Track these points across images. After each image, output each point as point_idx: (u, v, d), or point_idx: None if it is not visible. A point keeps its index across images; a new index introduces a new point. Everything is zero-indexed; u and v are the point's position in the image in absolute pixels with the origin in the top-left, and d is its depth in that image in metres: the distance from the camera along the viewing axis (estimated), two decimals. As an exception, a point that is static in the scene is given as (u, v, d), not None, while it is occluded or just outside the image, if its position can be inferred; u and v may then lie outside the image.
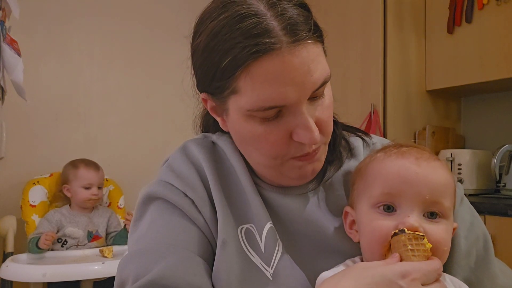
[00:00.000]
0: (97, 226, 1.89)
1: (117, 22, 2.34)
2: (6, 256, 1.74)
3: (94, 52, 2.28)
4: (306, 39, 0.52)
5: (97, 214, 1.92)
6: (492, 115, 2.16)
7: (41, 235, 1.68)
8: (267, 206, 0.62)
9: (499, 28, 1.80)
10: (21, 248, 1.81)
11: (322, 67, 0.55)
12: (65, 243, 1.81)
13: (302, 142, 0.56)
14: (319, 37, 0.56)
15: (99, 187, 1.92)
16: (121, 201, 2.08)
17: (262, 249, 0.59)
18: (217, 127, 0.69)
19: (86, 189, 1.87)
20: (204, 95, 0.61)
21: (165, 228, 0.60)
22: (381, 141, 0.72)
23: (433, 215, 0.56)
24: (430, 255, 0.52)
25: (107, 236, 1.93)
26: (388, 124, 1.95)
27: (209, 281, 0.56)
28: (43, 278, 1.50)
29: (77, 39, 2.23)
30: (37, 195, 1.89)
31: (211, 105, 0.62)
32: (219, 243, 0.58)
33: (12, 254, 1.76)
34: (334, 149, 0.67)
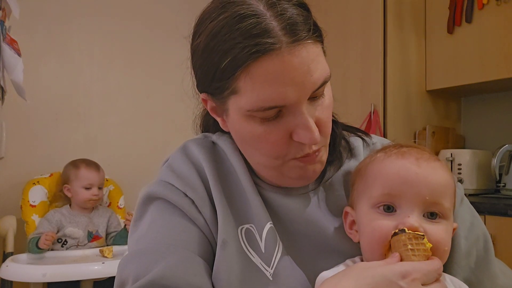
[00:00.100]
0: (97, 226, 1.89)
1: (117, 22, 2.34)
2: (6, 256, 1.73)
3: (94, 52, 2.28)
4: (305, 39, 0.52)
5: (97, 214, 1.92)
6: (492, 115, 2.16)
7: (41, 235, 1.68)
8: (267, 206, 0.62)
9: (499, 28, 1.80)
10: (21, 248, 1.81)
11: (322, 67, 0.55)
12: (65, 243, 1.81)
13: (302, 142, 0.56)
14: (319, 37, 0.56)
15: (100, 188, 1.92)
16: (121, 201, 2.08)
17: (262, 249, 0.59)
18: (217, 127, 0.69)
19: (86, 189, 1.86)
20: (204, 95, 0.61)
21: (165, 228, 0.60)
22: (381, 141, 0.72)
23: (433, 215, 0.56)
24: (430, 255, 0.52)
25: (107, 236, 1.93)
26: (388, 124, 1.94)
27: (209, 281, 0.56)
28: (43, 278, 1.50)
29: (77, 39, 2.23)
30: (37, 195, 1.89)
31: (211, 105, 0.62)
32: (219, 243, 0.58)
33: (12, 254, 1.75)
34: (334, 149, 0.67)
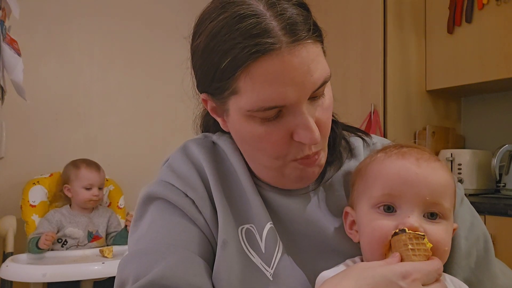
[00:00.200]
0: (97, 226, 1.89)
1: (117, 22, 2.34)
2: (6, 256, 1.73)
3: (94, 52, 2.28)
4: (305, 39, 0.52)
5: (97, 214, 1.92)
6: (492, 115, 2.16)
7: (41, 235, 1.68)
8: (267, 206, 0.62)
9: (499, 28, 1.80)
10: (21, 248, 1.81)
11: (322, 67, 0.55)
12: (65, 243, 1.81)
13: (302, 142, 0.56)
14: (319, 37, 0.56)
15: (100, 188, 1.92)
16: (121, 201, 2.08)
17: (262, 249, 0.59)
18: (217, 127, 0.69)
19: (87, 189, 1.86)
20: (204, 95, 0.61)
21: (165, 228, 0.60)
22: (381, 141, 0.72)
23: (433, 215, 0.56)
24: (430, 255, 0.52)
25: (107, 236, 1.93)
26: (388, 124, 1.95)
27: (210, 281, 0.56)
28: (43, 278, 1.50)
29: (77, 39, 2.23)
30: (37, 195, 1.89)
31: (211, 105, 0.62)
32: (220, 243, 0.58)
33: (12, 254, 1.75)
34: (334, 149, 0.67)
